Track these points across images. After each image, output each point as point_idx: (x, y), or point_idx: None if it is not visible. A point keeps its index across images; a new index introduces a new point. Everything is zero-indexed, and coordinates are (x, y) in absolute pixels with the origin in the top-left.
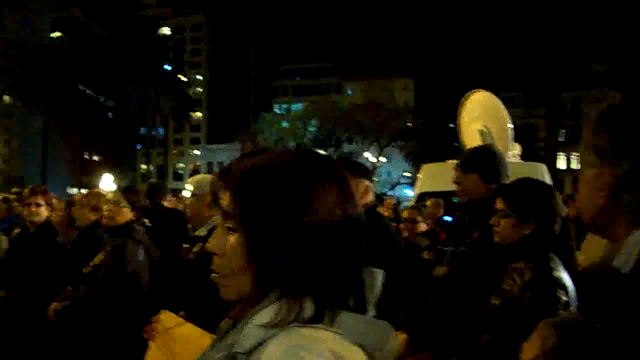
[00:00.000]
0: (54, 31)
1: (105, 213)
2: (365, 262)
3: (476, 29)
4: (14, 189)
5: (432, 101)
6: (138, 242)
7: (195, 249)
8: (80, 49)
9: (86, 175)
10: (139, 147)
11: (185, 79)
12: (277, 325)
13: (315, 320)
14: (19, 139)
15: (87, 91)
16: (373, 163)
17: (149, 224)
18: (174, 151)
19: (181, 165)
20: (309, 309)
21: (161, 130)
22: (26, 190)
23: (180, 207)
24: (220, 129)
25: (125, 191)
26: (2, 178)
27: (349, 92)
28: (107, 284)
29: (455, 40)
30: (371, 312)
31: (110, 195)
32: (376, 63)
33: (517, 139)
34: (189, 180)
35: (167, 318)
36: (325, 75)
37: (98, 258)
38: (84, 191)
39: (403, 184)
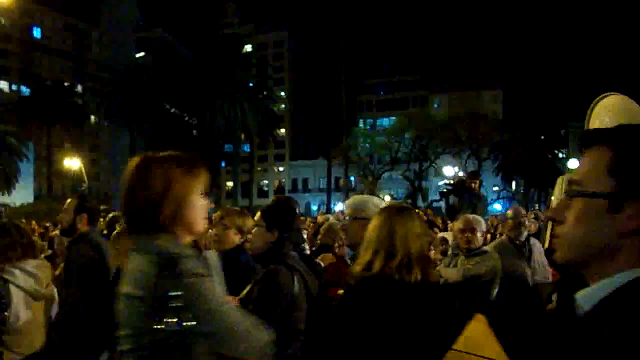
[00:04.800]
0: (138, 52)
1: (249, 236)
2: None
3: (564, 40)
4: (102, 206)
5: (522, 112)
6: (292, 268)
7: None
8: (165, 68)
9: None
10: (223, 164)
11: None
12: None
13: None
14: (106, 157)
15: (172, 109)
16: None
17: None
18: (259, 168)
19: (265, 182)
20: None
21: (246, 147)
22: None
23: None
24: (304, 145)
25: (264, 212)
26: (91, 195)
27: (436, 105)
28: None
29: (546, 50)
30: None
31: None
32: (463, 75)
33: None
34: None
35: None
36: (411, 89)
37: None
38: None
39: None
